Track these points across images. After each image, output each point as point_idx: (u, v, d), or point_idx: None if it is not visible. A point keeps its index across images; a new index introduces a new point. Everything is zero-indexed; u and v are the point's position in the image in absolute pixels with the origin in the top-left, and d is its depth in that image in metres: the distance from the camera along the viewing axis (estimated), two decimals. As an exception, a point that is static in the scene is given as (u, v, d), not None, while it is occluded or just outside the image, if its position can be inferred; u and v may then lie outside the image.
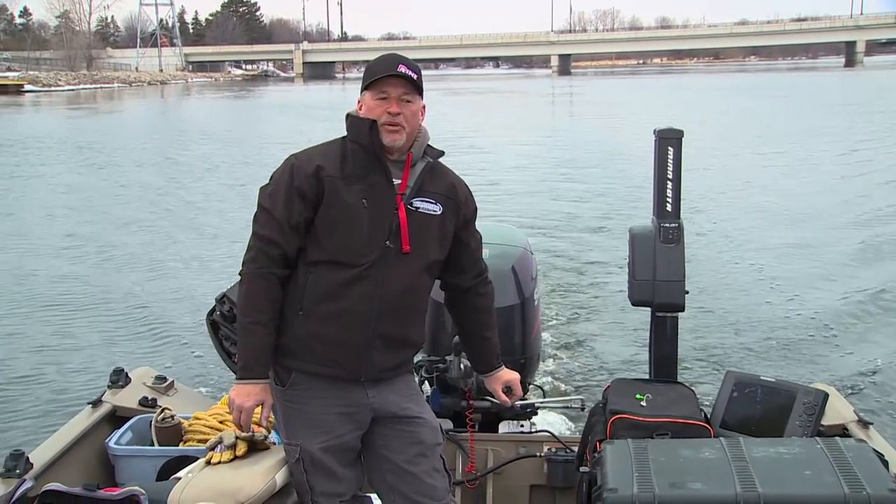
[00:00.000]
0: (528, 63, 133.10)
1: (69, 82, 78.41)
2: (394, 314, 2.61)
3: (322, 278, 2.57)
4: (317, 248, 2.57)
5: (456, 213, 2.74)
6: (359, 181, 2.59)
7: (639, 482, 2.36)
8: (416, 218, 2.63)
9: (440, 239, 2.70)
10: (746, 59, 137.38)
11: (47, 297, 9.10)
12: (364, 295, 2.56)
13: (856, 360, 6.82)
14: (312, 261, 2.58)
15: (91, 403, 3.51)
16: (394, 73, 2.60)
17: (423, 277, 2.69)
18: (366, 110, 2.64)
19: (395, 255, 2.59)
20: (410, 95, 2.63)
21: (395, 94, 2.61)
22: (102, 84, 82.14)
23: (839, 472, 2.31)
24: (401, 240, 2.59)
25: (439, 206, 2.69)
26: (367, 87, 2.64)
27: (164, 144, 27.31)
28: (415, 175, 2.67)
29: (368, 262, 2.56)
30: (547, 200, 14.95)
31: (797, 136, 24.45)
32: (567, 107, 48.35)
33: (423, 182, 2.67)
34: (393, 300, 2.60)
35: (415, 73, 2.63)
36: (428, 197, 2.67)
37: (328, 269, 2.57)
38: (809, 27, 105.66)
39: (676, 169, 3.72)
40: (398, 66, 2.61)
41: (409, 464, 2.68)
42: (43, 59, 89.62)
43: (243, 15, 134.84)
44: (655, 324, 3.78)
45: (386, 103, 2.61)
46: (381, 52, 2.88)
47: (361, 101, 2.68)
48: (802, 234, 11.56)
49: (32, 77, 75.60)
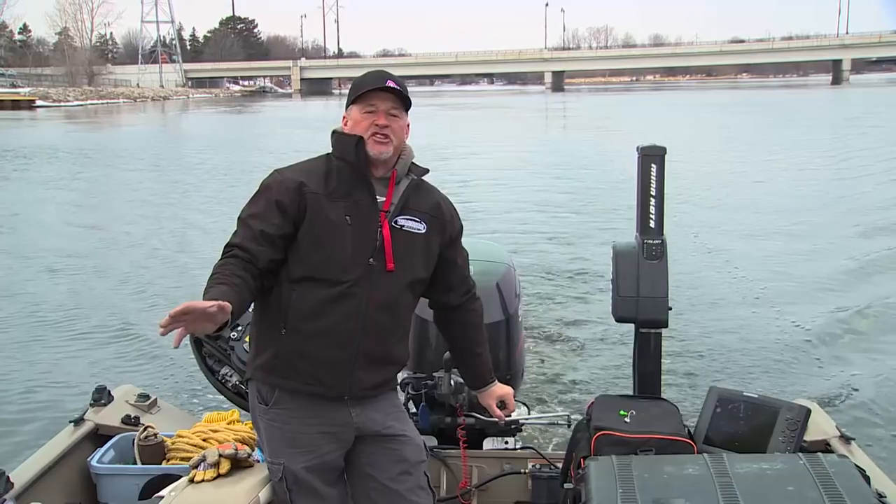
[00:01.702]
0: (522, 79, 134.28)
1: (77, 98, 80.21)
2: (378, 332, 2.61)
3: (306, 296, 2.56)
4: (300, 265, 2.56)
5: (441, 232, 2.74)
6: (343, 198, 2.59)
7: (623, 499, 2.36)
8: (400, 236, 2.64)
9: (424, 257, 2.70)
10: (738, 77, 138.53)
11: (28, 313, 9.01)
12: (348, 313, 2.56)
13: (838, 375, 6.85)
14: (296, 278, 2.57)
15: (73, 422, 3.48)
16: (382, 87, 2.61)
17: (407, 295, 2.69)
18: (352, 125, 2.65)
19: (379, 272, 2.59)
20: (398, 110, 2.65)
21: (384, 107, 2.63)
22: (108, 100, 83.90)
23: (822, 488, 2.32)
24: (384, 258, 2.60)
25: (423, 224, 2.69)
26: (355, 101, 2.65)
27: (172, 157, 27.98)
28: (399, 192, 2.68)
29: (352, 280, 2.56)
30: (531, 216, 14.98)
31: (773, 153, 24.74)
32: (557, 121, 49.37)
33: (407, 200, 2.68)
34: (377, 318, 2.59)
35: (403, 89, 2.64)
36: (412, 215, 2.68)
37: (312, 286, 2.56)
38: (797, 46, 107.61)
39: (660, 186, 3.74)
40: (386, 80, 2.63)
41: (393, 482, 2.68)
42: (44, 76, 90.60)
43: (241, 32, 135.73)
44: (639, 340, 3.79)
45: (374, 116, 2.62)
46: (377, 68, 2.89)
47: (347, 116, 2.69)
48: (786, 252, 11.63)
49: (43, 93, 77.36)
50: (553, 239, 12.97)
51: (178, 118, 62.45)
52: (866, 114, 41.25)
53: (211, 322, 2.22)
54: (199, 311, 2.18)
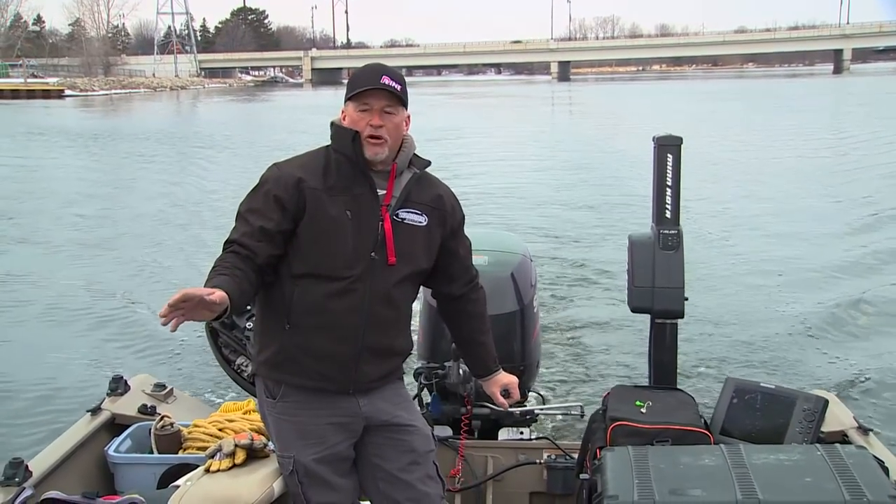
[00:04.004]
0: (529, 69, 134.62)
1: (101, 87, 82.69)
2: (381, 325, 2.60)
3: (308, 292, 2.55)
4: (301, 261, 2.55)
5: (442, 224, 2.73)
6: (343, 193, 2.57)
7: (639, 489, 2.36)
8: (401, 229, 2.62)
9: (426, 250, 2.69)
10: (745, 66, 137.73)
11: (45, 303, 9.08)
12: (351, 307, 2.55)
13: (855, 366, 6.81)
14: (297, 274, 2.56)
15: (90, 411, 3.51)
16: (376, 86, 2.58)
17: (408, 287, 2.69)
18: (349, 122, 2.62)
19: (381, 266, 2.58)
20: (393, 107, 2.60)
21: (378, 106, 2.58)
22: (130, 89, 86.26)
23: (839, 479, 2.31)
24: (386, 252, 2.58)
25: (425, 216, 2.67)
26: (351, 98, 2.61)
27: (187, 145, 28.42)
28: (400, 186, 2.65)
29: (354, 275, 2.55)
30: (546, 206, 14.92)
31: (783, 139, 24.67)
32: (562, 108, 50.30)
33: (409, 193, 2.65)
34: (380, 311, 2.59)
35: (398, 85, 2.59)
36: (413, 208, 2.66)
37: (314, 282, 2.55)
38: (799, 35, 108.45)
39: (675, 176, 3.73)
40: (381, 77, 2.57)
41: (402, 472, 2.68)
42: (60, 66, 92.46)
43: (252, 22, 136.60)
44: (655, 330, 3.78)
45: (368, 115, 2.58)
46: (387, 58, 2.86)
47: (345, 112, 2.65)
48: (802, 241, 11.55)
49: (70, 83, 79.69)
50: (567, 230, 12.92)
51: (207, 105, 63.73)
52: (858, 103, 41.50)
53: (209, 310, 2.23)
54: (196, 299, 2.20)
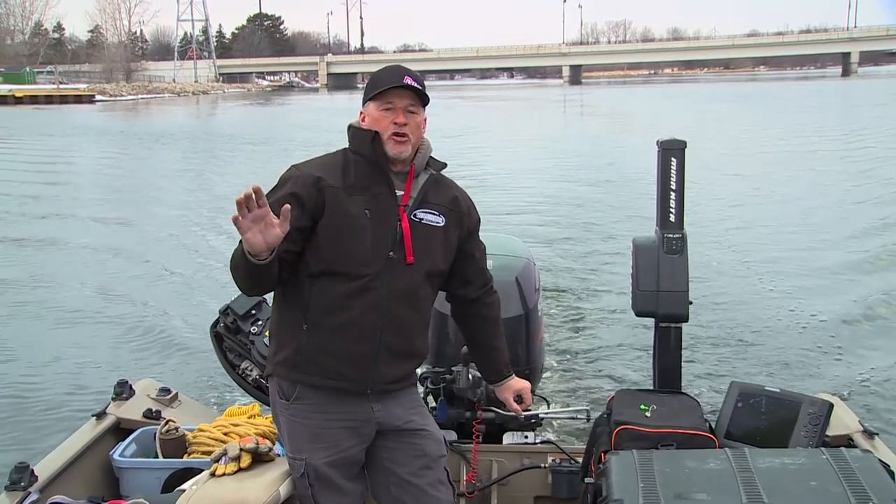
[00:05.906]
0: (541, 73, 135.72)
1: (129, 92, 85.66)
2: (399, 325, 2.62)
3: (326, 290, 2.56)
4: (319, 260, 2.57)
5: (459, 225, 2.75)
6: (362, 192, 2.59)
7: (644, 493, 2.35)
8: (419, 229, 2.64)
9: (444, 250, 2.71)
10: (756, 70, 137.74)
11: (50, 306, 9.09)
12: (369, 306, 2.56)
13: (861, 370, 6.80)
14: (315, 272, 2.57)
15: (95, 415, 3.50)
16: (400, 85, 2.61)
17: (427, 288, 2.70)
18: (370, 121, 2.65)
19: (399, 265, 2.60)
20: (415, 107, 2.64)
21: (402, 104, 2.62)
22: (155, 94, 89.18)
23: (845, 483, 2.30)
24: (404, 251, 2.60)
25: (442, 217, 2.70)
26: (373, 98, 2.65)
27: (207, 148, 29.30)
28: (418, 186, 2.68)
29: (372, 274, 2.56)
30: (550, 210, 14.93)
31: (790, 143, 24.67)
32: (574, 111, 51.07)
33: (426, 194, 2.68)
34: (398, 311, 2.60)
35: (420, 85, 2.63)
36: (431, 208, 2.68)
37: (332, 280, 2.56)
38: (807, 39, 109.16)
39: (680, 180, 3.72)
40: (404, 77, 2.61)
41: (413, 476, 2.68)
42: (82, 72, 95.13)
43: (268, 28, 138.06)
44: (659, 334, 3.77)
45: (392, 114, 2.61)
46: (401, 63, 2.89)
47: (365, 112, 2.68)
48: (807, 244, 11.54)
49: (100, 88, 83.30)
50: (571, 234, 12.91)
51: (231, 109, 64.79)
52: (857, 104, 42.05)
53: (271, 228, 2.29)
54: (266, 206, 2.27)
